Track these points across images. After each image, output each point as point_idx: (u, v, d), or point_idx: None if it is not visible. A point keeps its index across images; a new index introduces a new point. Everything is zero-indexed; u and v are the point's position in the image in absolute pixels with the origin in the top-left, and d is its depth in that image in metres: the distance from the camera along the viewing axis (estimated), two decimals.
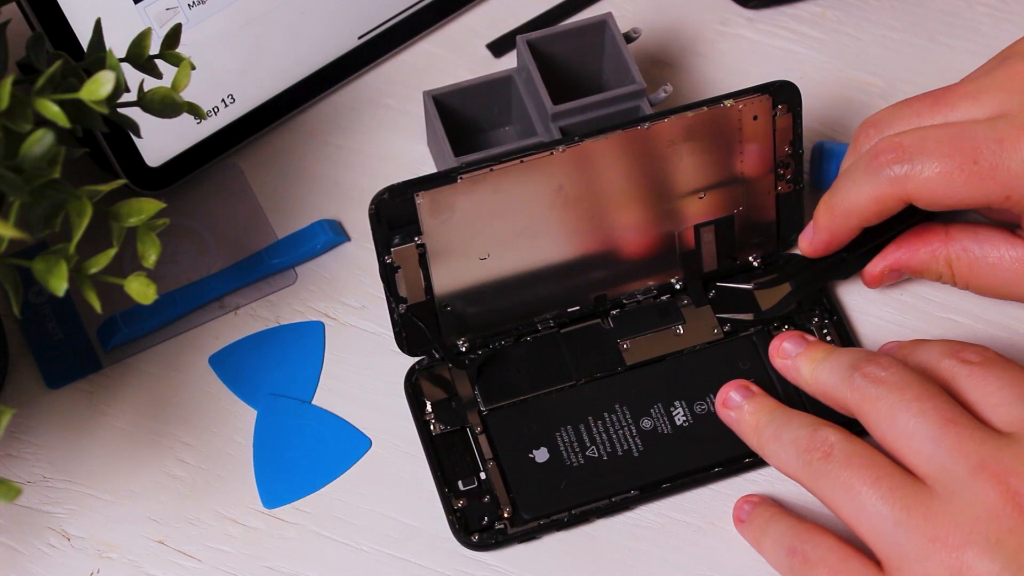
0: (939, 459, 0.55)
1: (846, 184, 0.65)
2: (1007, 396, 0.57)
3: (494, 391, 0.67)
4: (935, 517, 0.54)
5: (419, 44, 0.78)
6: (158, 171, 0.72)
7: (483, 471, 0.65)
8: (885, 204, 0.64)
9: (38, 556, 0.65)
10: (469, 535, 0.64)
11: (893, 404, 0.57)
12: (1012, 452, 0.55)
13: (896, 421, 0.57)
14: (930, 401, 0.56)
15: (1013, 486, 0.54)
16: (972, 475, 0.54)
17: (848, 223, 0.66)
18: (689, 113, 0.65)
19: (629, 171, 0.66)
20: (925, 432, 0.56)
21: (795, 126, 0.67)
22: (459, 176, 0.64)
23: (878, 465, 0.56)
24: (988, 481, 0.54)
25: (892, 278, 0.69)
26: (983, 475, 0.54)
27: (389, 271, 0.65)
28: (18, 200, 0.54)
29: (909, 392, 0.57)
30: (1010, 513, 0.53)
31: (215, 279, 0.71)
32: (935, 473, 0.55)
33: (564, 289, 0.68)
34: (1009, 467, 0.54)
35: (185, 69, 0.60)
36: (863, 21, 0.78)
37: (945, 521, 0.54)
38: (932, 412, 0.56)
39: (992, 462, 0.54)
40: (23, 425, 0.68)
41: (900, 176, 0.63)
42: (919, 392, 0.57)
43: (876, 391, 0.58)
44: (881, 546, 0.55)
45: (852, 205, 0.65)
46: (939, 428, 0.56)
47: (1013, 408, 0.56)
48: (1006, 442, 0.55)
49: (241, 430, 0.68)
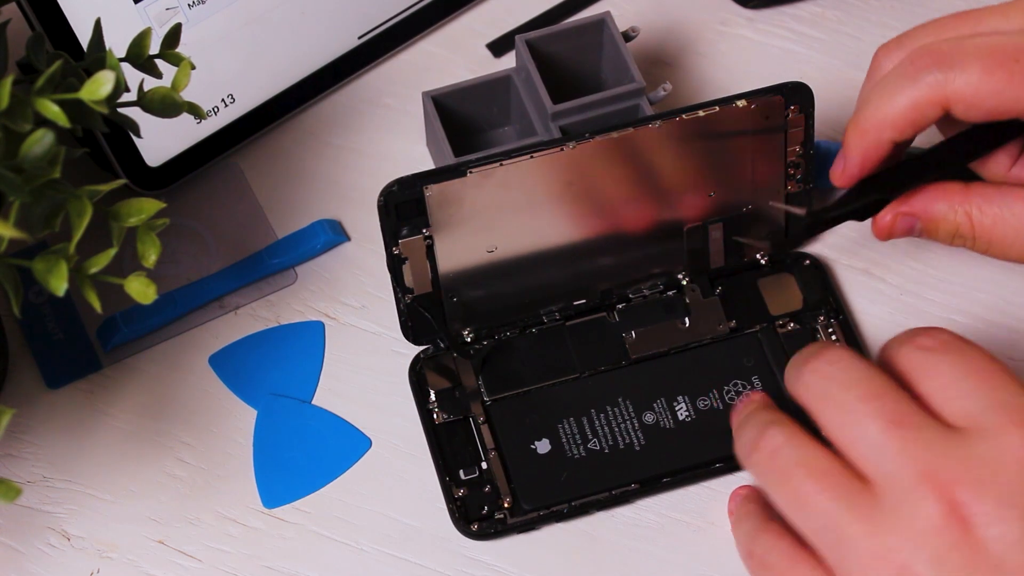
0: (884, 465, 0.53)
1: (877, 96, 0.62)
2: (962, 387, 0.54)
3: (498, 382, 0.67)
4: (879, 529, 0.52)
5: (419, 44, 0.78)
6: (158, 171, 0.72)
7: (485, 461, 0.66)
8: (922, 111, 0.61)
9: (38, 556, 0.65)
10: (469, 524, 0.64)
11: (840, 405, 0.54)
12: (960, 456, 0.52)
13: (843, 423, 0.54)
14: (876, 401, 0.54)
15: (958, 498, 0.51)
16: (917, 484, 0.52)
17: (881, 136, 0.62)
18: (701, 112, 0.65)
19: (639, 168, 0.66)
20: (870, 435, 0.53)
21: (807, 127, 0.67)
22: (468, 170, 0.64)
23: (824, 469, 0.54)
24: (933, 492, 0.51)
25: (903, 228, 0.65)
26: (928, 485, 0.52)
27: (396, 262, 0.65)
28: (18, 200, 0.54)
29: (855, 391, 0.54)
30: (953, 528, 0.51)
31: (215, 279, 0.71)
32: (881, 479, 0.53)
33: (570, 282, 0.68)
34: (955, 475, 0.52)
35: (185, 69, 0.60)
36: (863, 21, 0.78)
37: (888, 536, 0.52)
38: (877, 413, 0.53)
39: (938, 469, 0.52)
40: (23, 425, 0.68)
41: (940, 80, 0.60)
42: (865, 391, 0.54)
43: (824, 388, 0.55)
44: (826, 552, 0.53)
45: (886, 115, 0.62)
46: (884, 431, 0.53)
47: (967, 401, 0.53)
48: (955, 443, 0.52)
49: (241, 430, 0.68)
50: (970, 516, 0.51)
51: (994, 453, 0.51)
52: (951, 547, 0.51)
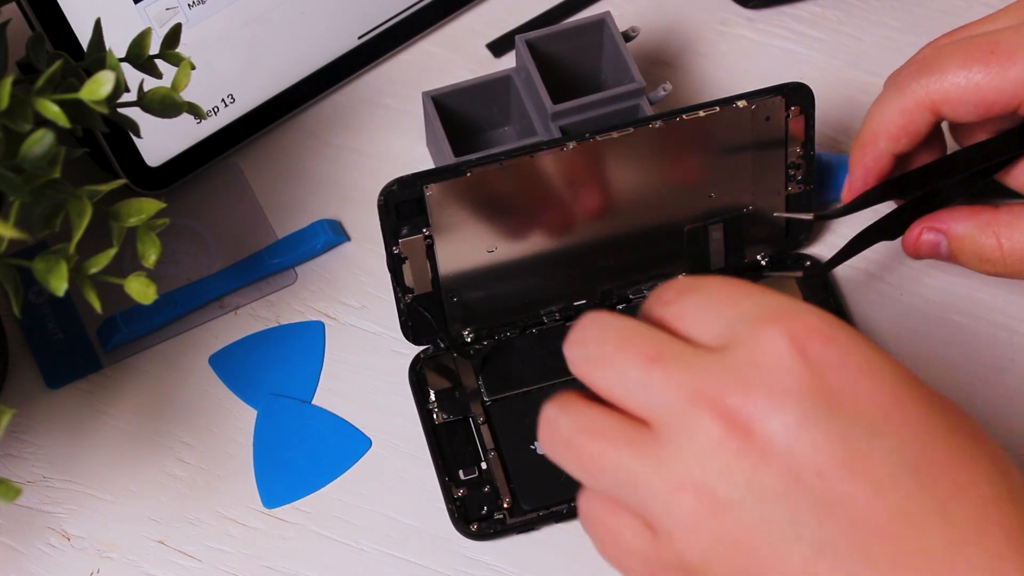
0: (654, 401, 0.52)
1: (872, 111, 0.65)
2: (709, 315, 0.53)
3: (498, 382, 0.67)
4: (667, 465, 0.51)
5: (419, 44, 0.78)
6: (158, 171, 0.72)
7: (484, 461, 0.66)
8: (911, 118, 0.63)
9: (38, 556, 0.65)
10: (468, 524, 0.64)
11: (600, 361, 0.53)
12: (722, 367, 0.51)
13: (607, 377, 0.53)
14: (629, 347, 0.53)
15: (730, 404, 0.51)
16: (688, 407, 0.51)
17: (877, 148, 0.65)
18: (701, 113, 0.65)
19: (639, 169, 0.66)
20: (634, 381, 0.52)
21: (807, 128, 0.67)
22: (468, 170, 0.64)
23: (601, 426, 0.53)
24: (705, 409, 0.51)
25: (929, 245, 0.66)
26: (699, 404, 0.51)
27: (396, 262, 0.65)
28: (18, 200, 0.54)
29: (610, 343, 0.53)
30: (734, 436, 0.50)
31: (215, 279, 0.71)
32: (656, 417, 0.52)
33: (571, 282, 0.68)
34: (722, 385, 0.51)
35: (185, 69, 0.60)
36: (863, 21, 0.78)
37: (677, 466, 0.51)
38: (634, 357, 0.53)
39: (704, 385, 0.51)
40: (23, 425, 0.68)
41: (923, 85, 0.63)
42: (618, 340, 0.53)
43: (583, 353, 0.54)
44: (636, 506, 0.53)
45: (878, 125, 0.64)
46: (644, 370, 0.52)
47: (716, 323, 0.53)
48: (715, 358, 0.52)
49: (241, 430, 0.68)
50: (746, 419, 0.50)
51: (752, 355, 0.51)
52: (738, 454, 0.50)
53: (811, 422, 0.50)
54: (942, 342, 0.69)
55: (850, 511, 0.50)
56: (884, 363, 0.52)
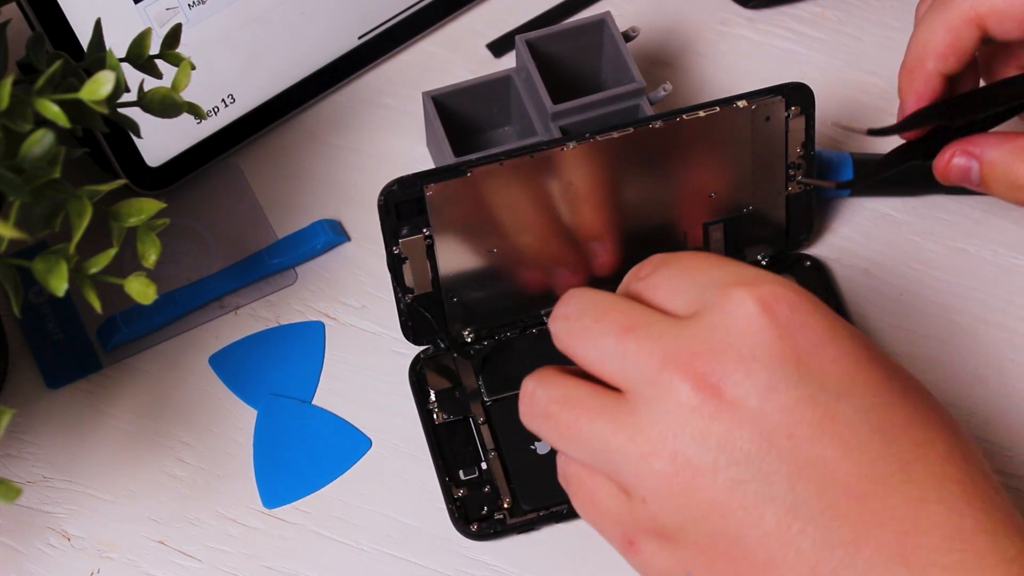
0: (629, 370, 0.53)
1: (916, 32, 0.64)
2: (679, 285, 0.54)
3: (498, 382, 0.67)
4: (641, 430, 0.52)
5: (419, 44, 0.78)
6: (158, 171, 0.72)
7: (484, 461, 0.66)
8: (959, 35, 0.62)
9: (38, 556, 0.65)
10: (468, 524, 0.64)
11: (579, 333, 0.55)
12: (692, 333, 0.52)
13: (585, 348, 0.55)
14: (605, 318, 0.54)
15: (701, 369, 0.52)
16: (660, 372, 0.52)
17: (926, 69, 0.63)
18: (701, 113, 0.65)
19: (639, 169, 0.66)
20: (609, 349, 0.54)
21: (807, 128, 0.67)
22: (468, 170, 0.64)
23: (577, 397, 0.54)
24: (676, 373, 0.52)
25: (960, 170, 0.64)
26: (669, 368, 0.52)
27: (396, 262, 0.65)
28: (18, 200, 0.54)
29: (587, 317, 0.55)
30: (706, 401, 0.51)
31: (215, 279, 0.71)
32: (630, 385, 0.53)
33: (571, 282, 0.68)
34: (693, 351, 0.52)
35: (185, 69, 0.60)
36: (863, 21, 0.78)
37: (650, 432, 0.52)
38: (609, 327, 0.54)
39: (675, 351, 0.52)
40: (23, 425, 0.68)
41: (969, 0, 0.62)
42: (595, 313, 0.55)
43: (565, 328, 0.56)
44: (611, 474, 0.54)
45: (925, 45, 0.63)
46: (620, 340, 0.53)
47: (686, 293, 0.54)
48: (685, 327, 0.53)
49: (241, 430, 0.68)
50: (717, 383, 0.51)
51: (721, 320, 0.52)
52: (710, 418, 0.51)
53: (780, 385, 0.51)
54: (942, 342, 0.69)
55: (820, 472, 0.51)
56: (845, 328, 0.53)
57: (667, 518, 0.52)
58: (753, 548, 0.51)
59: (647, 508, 0.53)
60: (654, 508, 0.52)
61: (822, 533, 0.50)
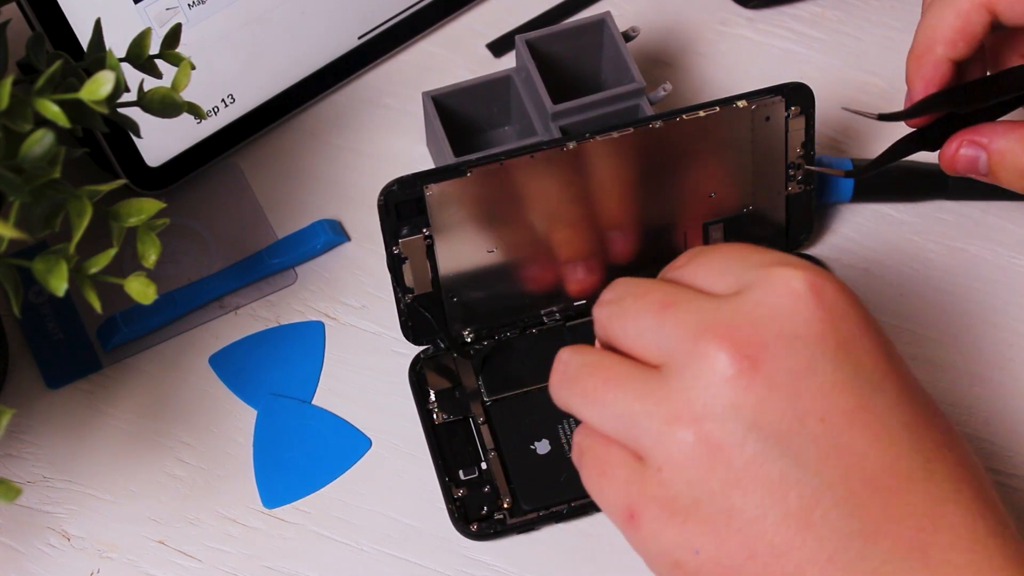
0: (665, 343, 0.52)
1: (925, 17, 0.63)
2: (720, 268, 0.54)
3: (498, 382, 0.67)
4: (668, 397, 0.51)
5: (419, 44, 0.78)
6: (158, 171, 0.72)
7: (484, 461, 0.66)
8: (968, 19, 0.61)
9: (38, 556, 0.65)
10: (468, 524, 0.64)
11: (620, 315, 0.54)
12: (730, 308, 0.52)
13: (624, 327, 0.54)
14: (646, 297, 0.54)
15: (741, 339, 0.51)
16: (696, 341, 0.51)
17: (935, 55, 0.62)
18: (701, 113, 0.65)
19: (639, 169, 0.66)
20: (648, 325, 0.53)
21: (807, 128, 0.67)
22: (468, 170, 0.64)
23: (608, 365, 0.54)
24: (712, 342, 0.51)
25: (967, 160, 0.63)
26: (707, 337, 0.51)
27: (396, 262, 0.65)
28: (18, 200, 0.54)
29: (628, 298, 0.54)
30: (743, 371, 0.51)
31: (215, 279, 0.71)
32: (665, 356, 0.52)
33: (571, 282, 0.68)
34: (731, 323, 0.51)
35: (185, 69, 0.60)
36: (863, 21, 0.78)
37: (678, 398, 0.51)
38: (649, 305, 0.53)
39: (714, 322, 0.51)
40: (23, 425, 0.68)
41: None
42: (635, 294, 0.54)
43: (607, 313, 0.55)
44: (630, 441, 0.53)
45: (934, 31, 0.62)
46: (658, 315, 0.53)
47: (728, 275, 0.54)
48: (726, 300, 0.52)
49: (241, 430, 0.68)
50: (756, 355, 0.51)
51: (765, 297, 0.52)
52: (745, 390, 0.51)
53: (820, 367, 0.51)
54: (942, 342, 0.69)
55: (848, 460, 0.50)
56: (878, 324, 0.53)
57: (681, 489, 0.51)
58: (771, 529, 0.50)
59: (661, 477, 0.51)
60: (669, 477, 0.51)
61: (844, 521, 0.50)
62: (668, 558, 0.52)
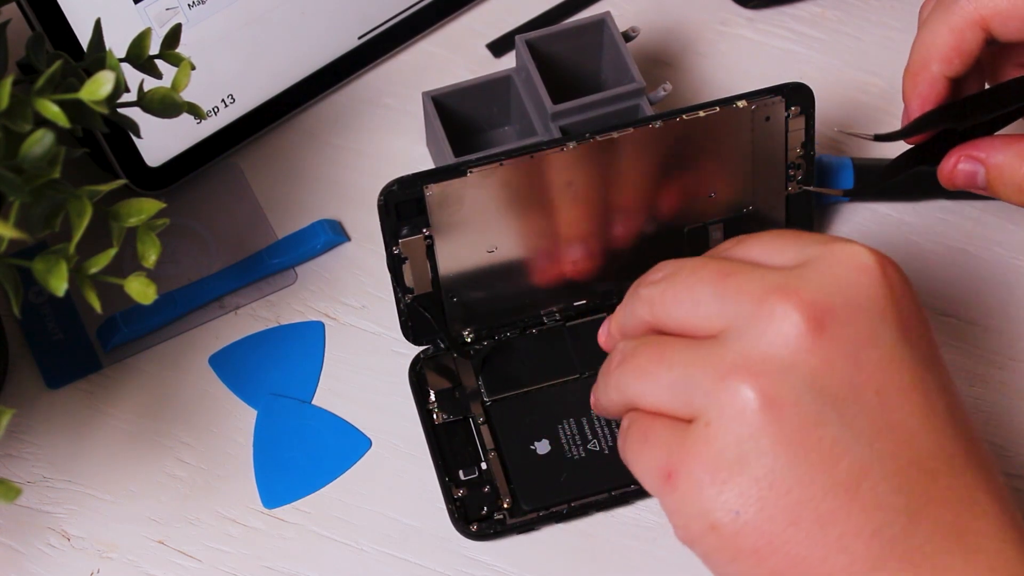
0: (727, 307, 0.51)
1: (920, 35, 0.63)
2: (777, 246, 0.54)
3: (498, 382, 0.67)
4: (726, 355, 0.50)
5: (419, 44, 0.78)
6: (158, 171, 0.72)
7: (484, 461, 0.66)
8: (962, 37, 0.62)
9: (38, 556, 0.65)
10: (468, 524, 0.64)
11: (675, 290, 0.53)
12: (797, 275, 0.51)
13: (681, 302, 0.53)
14: (703, 269, 0.53)
15: (807, 300, 0.50)
16: (760, 303, 0.51)
17: (930, 72, 0.63)
18: (701, 113, 0.65)
19: (639, 169, 0.66)
20: (707, 294, 0.52)
21: (807, 128, 0.67)
22: (469, 170, 0.64)
23: (666, 341, 0.53)
24: (780, 302, 0.50)
25: (966, 174, 0.64)
26: (773, 298, 0.50)
27: (396, 262, 0.65)
28: (18, 200, 0.54)
29: (683, 272, 0.54)
30: (806, 331, 0.50)
31: (215, 279, 0.71)
32: (726, 322, 0.51)
33: (571, 282, 0.68)
34: (798, 287, 0.51)
35: (185, 69, 0.60)
36: (863, 21, 0.78)
37: (737, 354, 0.50)
38: (708, 275, 0.53)
39: (780, 286, 0.51)
40: (23, 425, 0.68)
41: (973, 2, 0.61)
42: (692, 266, 0.54)
43: (658, 290, 0.54)
44: (682, 407, 0.52)
45: (929, 48, 0.62)
46: (718, 283, 0.52)
47: (786, 252, 0.53)
48: (790, 270, 0.52)
49: (241, 430, 0.68)
50: (822, 318, 0.51)
51: (830, 268, 0.52)
52: (807, 352, 0.50)
53: (881, 340, 0.51)
54: (942, 342, 0.69)
55: (898, 436, 0.51)
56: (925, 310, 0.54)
57: (728, 443, 0.50)
58: (819, 496, 0.49)
59: (708, 432, 0.50)
60: (717, 431, 0.50)
61: (891, 496, 0.50)
62: (705, 520, 0.51)
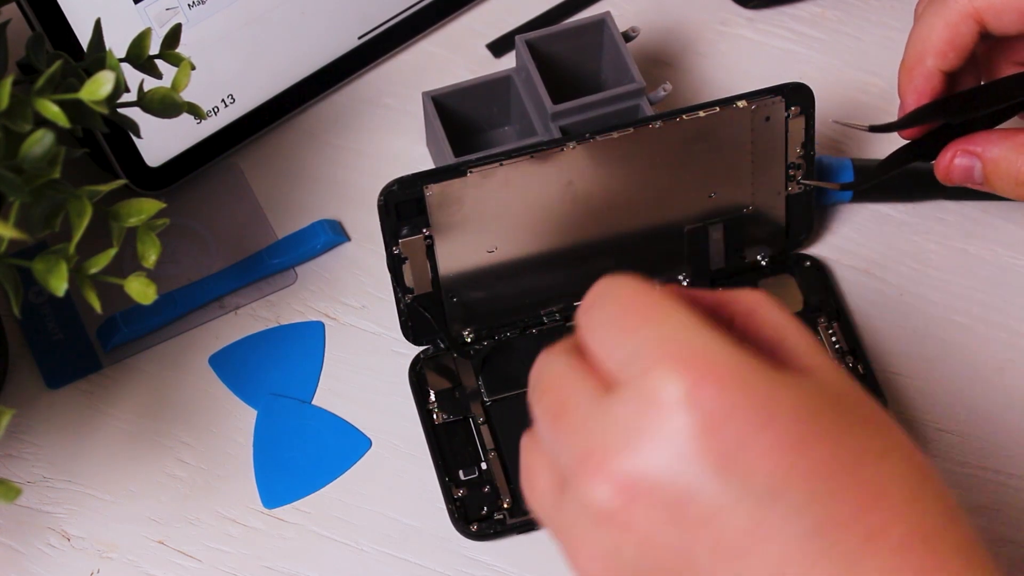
0: (556, 456, 0.48)
1: (915, 29, 0.63)
2: (612, 333, 0.48)
3: (498, 382, 0.67)
4: (561, 525, 0.49)
5: (419, 44, 0.78)
6: (158, 171, 0.72)
7: (484, 461, 0.66)
8: (957, 30, 0.62)
9: (38, 556, 0.65)
10: (468, 524, 0.64)
11: (533, 403, 0.50)
12: (609, 423, 0.46)
13: (532, 432, 0.50)
14: (545, 397, 0.49)
15: (615, 471, 0.46)
16: (579, 471, 0.47)
17: (925, 67, 0.63)
18: (701, 113, 0.65)
19: (639, 169, 0.66)
20: (546, 435, 0.49)
21: (807, 128, 0.67)
22: (468, 170, 0.64)
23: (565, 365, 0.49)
24: (594, 477, 0.46)
25: (963, 169, 0.63)
26: (588, 468, 0.46)
27: (396, 262, 0.65)
28: (18, 200, 0.54)
29: (534, 393, 0.50)
30: (620, 507, 0.46)
31: (215, 279, 0.71)
32: (559, 470, 0.48)
33: (571, 283, 0.68)
34: (609, 446, 0.46)
35: (185, 69, 0.60)
36: (863, 21, 0.78)
37: (566, 530, 0.48)
38: (544, 412, 0.49)
39: (594, 449, 0.46)
40: (23, 425, 0.68)
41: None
42: (542, 389, 0.50)
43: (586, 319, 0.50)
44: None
45: (924, 43, 0.62)
46: (552, 428, 0.48)
47: (617, 349, 0.48)
48: (604, 408, 0.47)
49: (241, 430, 0.68)
50: (633, 487, 0.46)
51: (640, 406, 0.46)
52: (621, 527, 0.47)
53: (699, 493, 0.45)
54: (942, 342, 0.69)
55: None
56: (788, 397, 0.45)
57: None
58: None
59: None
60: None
61: None
62: None
